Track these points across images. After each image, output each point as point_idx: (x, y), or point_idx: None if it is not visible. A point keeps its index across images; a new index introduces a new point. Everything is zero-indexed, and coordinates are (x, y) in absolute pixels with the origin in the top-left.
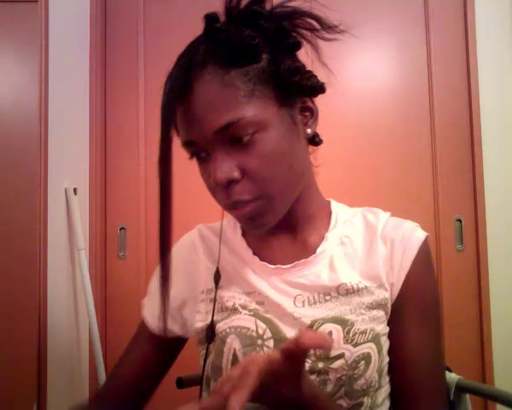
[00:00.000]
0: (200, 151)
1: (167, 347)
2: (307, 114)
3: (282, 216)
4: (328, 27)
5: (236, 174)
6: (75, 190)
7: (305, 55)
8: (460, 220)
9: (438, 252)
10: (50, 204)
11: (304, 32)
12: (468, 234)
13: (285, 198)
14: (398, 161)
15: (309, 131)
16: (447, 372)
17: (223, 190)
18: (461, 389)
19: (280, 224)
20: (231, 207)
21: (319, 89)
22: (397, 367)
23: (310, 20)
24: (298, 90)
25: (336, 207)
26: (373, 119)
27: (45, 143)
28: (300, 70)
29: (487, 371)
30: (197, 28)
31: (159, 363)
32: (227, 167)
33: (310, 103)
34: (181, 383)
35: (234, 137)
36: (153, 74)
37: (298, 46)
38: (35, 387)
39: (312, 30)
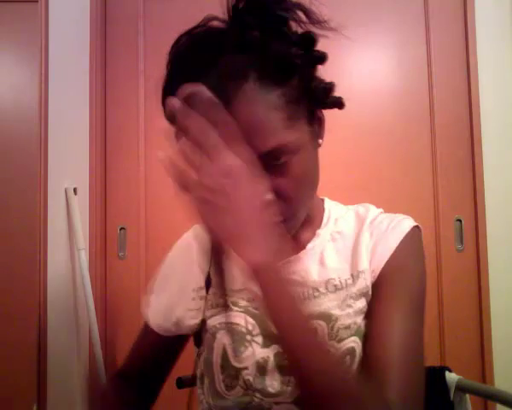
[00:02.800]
0: None
1: (170, 342)
2: (316, 123)
3: None
4: (317, 22)
5: (270, 197)
6: (75, 190)
7: None
8: (460, 220)
9: (438, 252)
10: (50, 204)
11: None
12: (468, 234)
13: (305, 211)
14: (398, 160)
15: (320, 141)
16: (447, 372)
17: None
18: (461, 389)
19: None
20: None
21: (339, 104)
22: (366, 342)
23: (298, 12)
24: (322, 106)
25: (329, 205)
26: (373, 119)
27: (45, 143)
28: (333, 89)
29: (487, 371)
30: None
31: (165, 355)
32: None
33: (319, 113)
34: (181, 383)
35: (271, 160)
36: (153, 74)
37: (324, 59)
38: (35, 387)
39: (299, 22)
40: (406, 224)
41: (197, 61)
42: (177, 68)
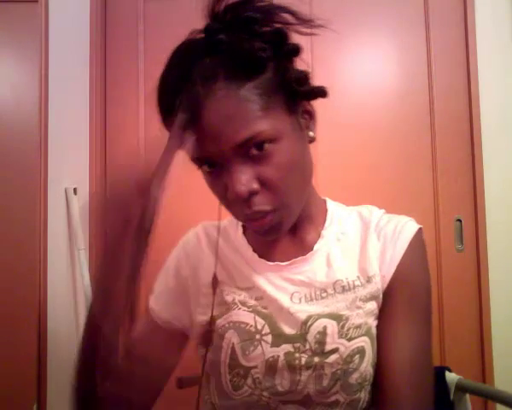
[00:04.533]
0: (211, 164)
1: (173, 340)
2: (307, 117)
3: None
4: (304, 21)
5: (256, 186)
6: (75, 190)
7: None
8: (460, 220)
9: (438, 252)
10: (50, 204)
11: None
12: (468, 234)
13: (299, 203)
14: (398, 160)
15: (311, 134)
16: (447, 372)
17: (242, 203)
18: (461, 389)
19: None
20: (251, 218)
21: (321, 93)
22: (378, 355)
23: (285, 15)
24: (303, 97)
25: (332, 206)
26: (373, 119)
27: (45, 143)
28: (308, 78)
29: (487, 371)
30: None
31: (166, 354)
32: (246, 180)
33: (309, 106)
34: (181, 383)
35: (251, 150)
36: (153, 74)
37: (298, 51)
38: (35, 387)
39: (287, 24)
40: (411, 227)
41: (176, 72)
42: (163, 81)
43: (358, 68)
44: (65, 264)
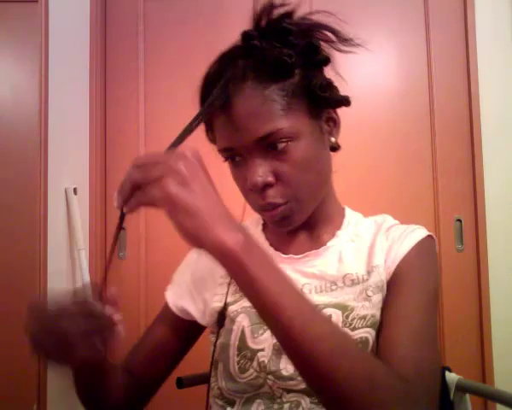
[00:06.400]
0: (235, 156)
1: (185, 330)
2: (331, 123)
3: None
4: (344, 40)
5: (271, 179)
6: (75, 190)
7: None
8: (460, 220)
9: (438, 252)
10: (50, 204)
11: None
12: (468, 234)
13: (312, 201)
14: (399, 161)
15: (333, 139)
16: (447, 372)
17: (257, 193)
18: (461, 389)
19: None
20: (264, 208)
21: (345, 102)
22: (379, 333)
23: (327, 33)
24: (326, 103)
25: (350, 213)
26: (373, 119)
27: (45, 143)
28: (331, 86)
29: (487, 371)
30: (197, 28)
31: (175, 343)
32: (263, 172)
33: (334, 114)
34: (181, 383)
35: (270, 145)
36: (153, 74)
37: (327, 62)
38: (35, 387)
39: (329, 42)
40: (421, 232)
41: (215, 72)
42: (204, 80)
43: (359, 69)
44: (65, 264)
